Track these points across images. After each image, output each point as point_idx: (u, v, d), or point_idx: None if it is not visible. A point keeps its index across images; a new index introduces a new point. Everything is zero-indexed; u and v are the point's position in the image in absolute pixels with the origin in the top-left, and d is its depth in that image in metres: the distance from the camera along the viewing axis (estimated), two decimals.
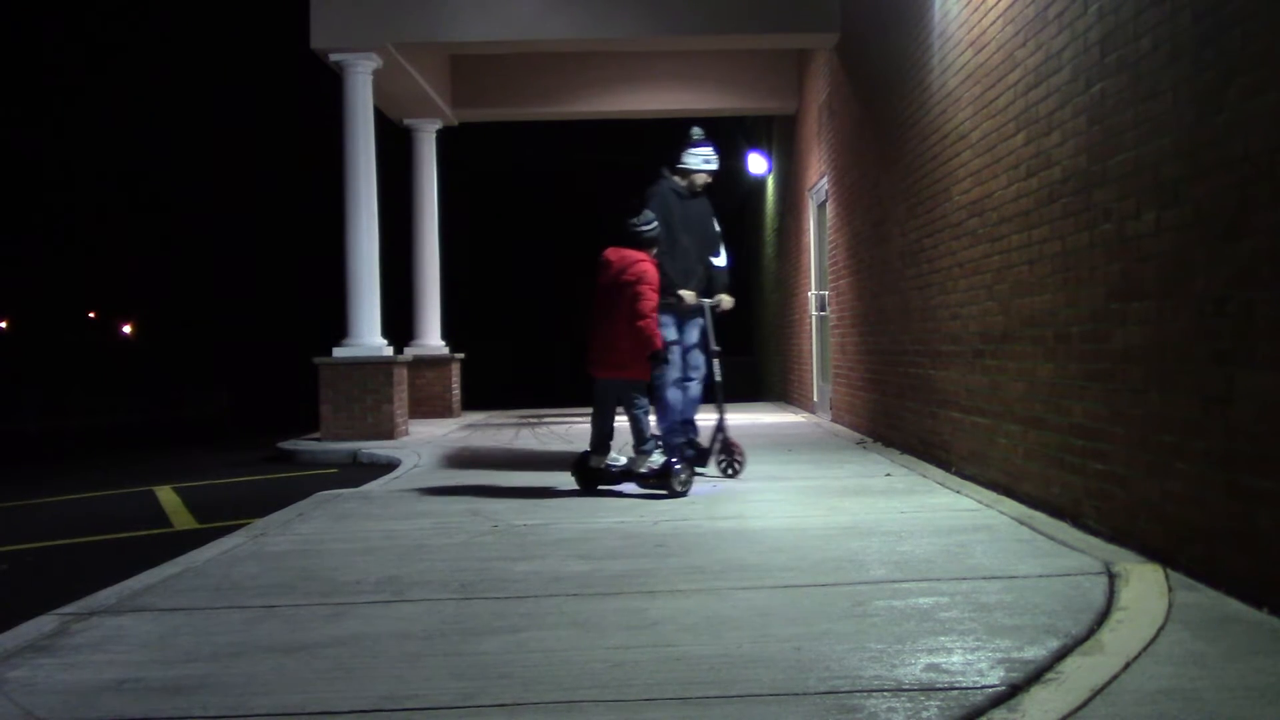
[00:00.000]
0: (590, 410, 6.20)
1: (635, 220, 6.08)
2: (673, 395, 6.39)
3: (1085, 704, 2.34)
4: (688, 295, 6.31)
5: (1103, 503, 4.15)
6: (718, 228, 6.70)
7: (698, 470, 6.23)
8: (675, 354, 6.32)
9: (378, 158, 10.92)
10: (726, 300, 6.52)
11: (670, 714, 2.37)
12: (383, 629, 3.17)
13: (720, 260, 6.63)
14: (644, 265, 5.91)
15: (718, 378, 6.34)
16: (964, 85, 5.95)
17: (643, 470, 5.90)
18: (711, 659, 2.75)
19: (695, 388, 6.53)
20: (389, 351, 10.81)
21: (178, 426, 20.16)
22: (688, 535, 4.55)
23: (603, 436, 6.07)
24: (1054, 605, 3.17)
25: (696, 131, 6.53)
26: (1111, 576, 3.49)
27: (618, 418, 6.01)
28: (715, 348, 6.36)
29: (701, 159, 6.51)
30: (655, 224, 6.11)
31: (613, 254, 5.99)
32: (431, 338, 13.85)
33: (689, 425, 6.55)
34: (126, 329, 51.02)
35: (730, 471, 6.44)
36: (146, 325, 49.24)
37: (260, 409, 23.69)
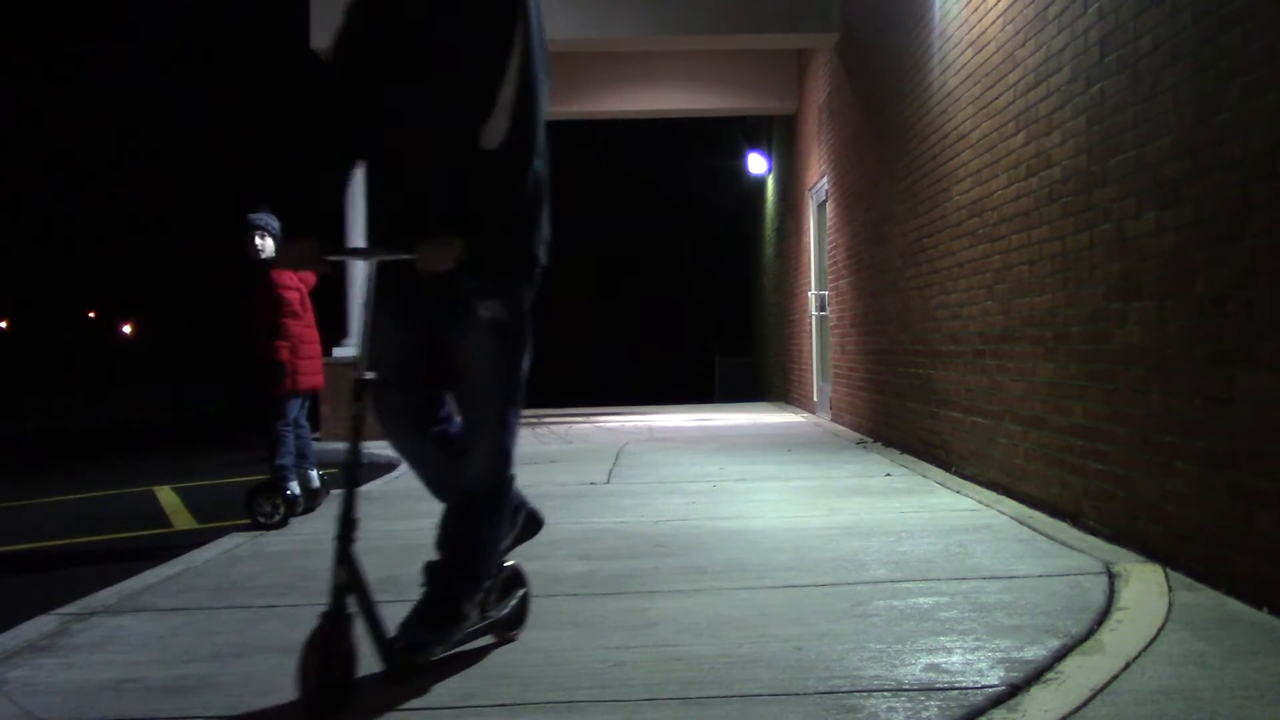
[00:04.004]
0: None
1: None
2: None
3: (1085, 704, 2.34)
4: (283, 255, 3.29)
5: (1103, 503, 4.14)
6: (510, 43, 2.70)
7: None
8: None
9: None
10: (427, 256, 2.59)
11: (670, 714, 2.37)
12: None
13: (494, 131, 2.67)
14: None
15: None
16: (964, 85, 5.95)
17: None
18: (711, 659, 2.74)
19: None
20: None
21: (178, 426, 20.15)
22: (688, 535, 4.55)
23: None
24: (1054, 605, 3.16)
25: None
26: (1111, 576, 3.49)
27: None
28: (363, 373, 2.63)
29: None
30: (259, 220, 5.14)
31: None
32: None
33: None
34: (126, 329, 51.02)
35: None
36: (146, 325, 49.25)
37: (260, 409, 23.69)
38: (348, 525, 2.53)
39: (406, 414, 2.84)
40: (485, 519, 2.87)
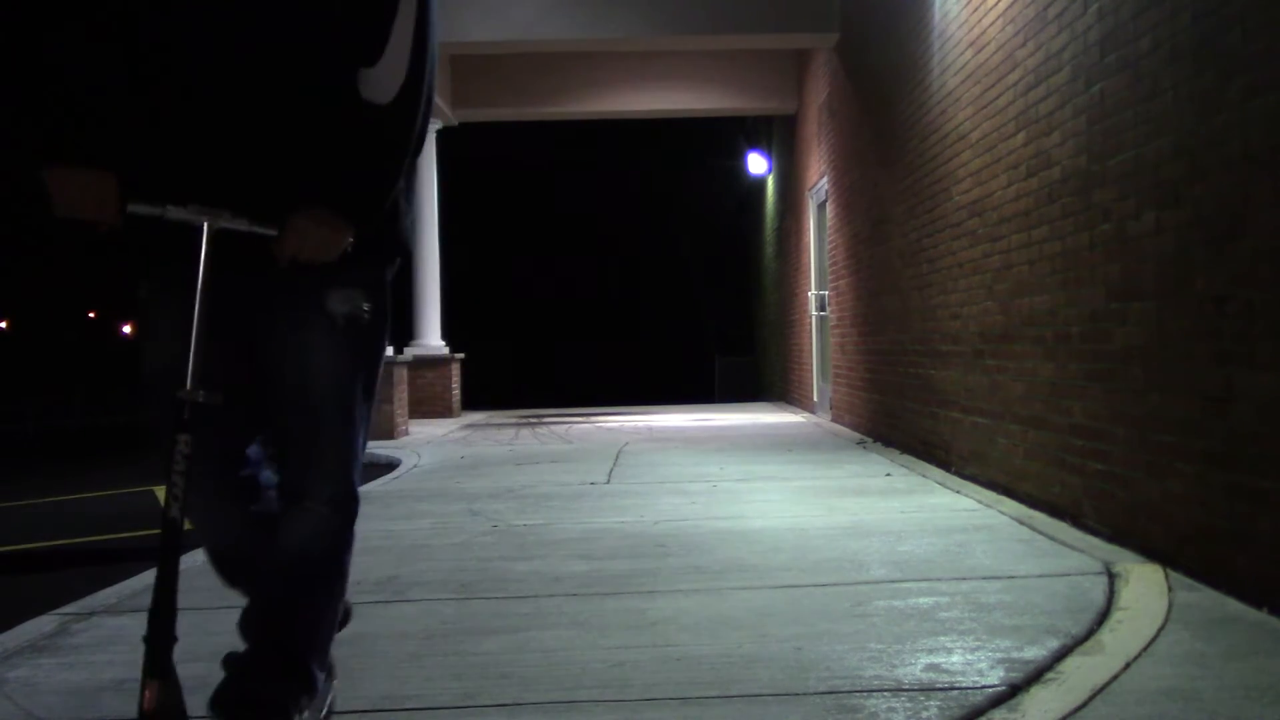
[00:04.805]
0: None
1: None
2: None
3: (1085, 704, 2.34)
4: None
5: (1103, 503, 4.15)
6: None
7: None
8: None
9: None
10: (305, 238, 1.91)
11: (670, 714, 2.37)
12: (382, 629, 3.16)
13: (383, 81, 1.99)
14: None
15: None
16: (964, 85, 5.95)
17: None
18: (711, 659, 2.74)
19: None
20: (389, 351, 10.80)
21: None
22: (688, 535, 4.55)
23: None
24: (1054, 605, 3.16)
25: None
26: (1111, 576, 3.49)
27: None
28: (196, 394, 1.90)
29: None
30: None
31: None
32: (431, 338, 13.83)
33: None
34: (126, 329, 51.02)
35: None
36: None
37: None
38: (165, 618, 1.79)
39: (218, 451, 2.08)
40: (321, 588, 2.12)
